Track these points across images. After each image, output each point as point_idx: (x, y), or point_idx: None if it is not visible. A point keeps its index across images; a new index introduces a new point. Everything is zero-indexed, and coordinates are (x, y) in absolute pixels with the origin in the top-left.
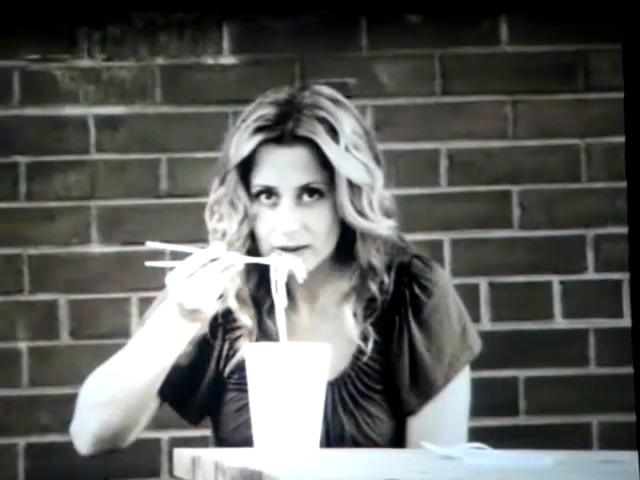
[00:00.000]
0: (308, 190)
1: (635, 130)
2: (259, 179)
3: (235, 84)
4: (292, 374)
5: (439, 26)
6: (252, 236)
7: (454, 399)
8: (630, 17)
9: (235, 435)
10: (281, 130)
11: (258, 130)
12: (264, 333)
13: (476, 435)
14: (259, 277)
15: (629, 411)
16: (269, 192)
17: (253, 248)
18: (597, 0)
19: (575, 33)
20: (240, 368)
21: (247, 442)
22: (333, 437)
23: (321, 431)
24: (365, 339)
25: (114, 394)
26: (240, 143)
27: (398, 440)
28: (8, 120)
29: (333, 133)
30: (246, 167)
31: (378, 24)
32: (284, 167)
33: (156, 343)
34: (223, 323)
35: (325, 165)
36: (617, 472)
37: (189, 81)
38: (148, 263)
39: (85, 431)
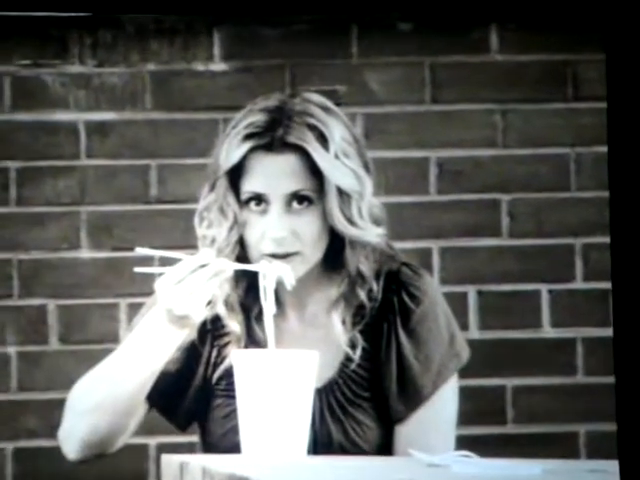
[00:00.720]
0: (297, 197)
1: (618, 140)
2: (249, 186)
3: (225, 91)
4: (280, 381)
5: (430, 34)
6: (241, 243)
7: (442, 407)
8: (613, 28)
9: (223, 441)
10: (271, 137)
11: (248, 137)
12: (252, 339)
13: (463, 443)
14: (248, 284)
15: None
16: (258, 199)
17: (242, 255)
18: (586, 10)
19: (565, 43)
20: (228, 374)
21: (235, 448)
22: (321, 444)
23: (309, 438)
24: (353, 346)
25: (102, 399)
26: (230, 150)
27: (386, 448)
28: None
29: (323, 140)
30: (236, 174)
31: (369, 32)
32: (274, 174)
33: (145, 349)
34: (211, 329)
35: (315, 172)
36: None
37: (179, 87)
38: (137, 269)
39: (73, 436)
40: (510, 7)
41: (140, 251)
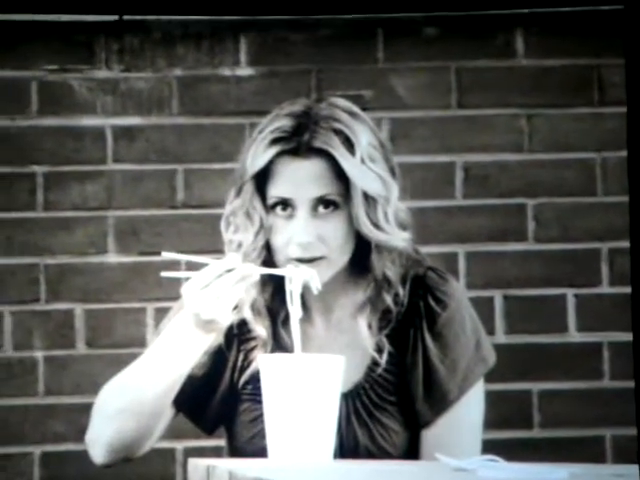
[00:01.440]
0: (324, 202)
1: (637, 145)
2: (275, 191)
3: (252, 96)
4: (306, 385)
5: (455, 39)
6: (268, 247)
7: (468, 411)
8: (633, 33)
9: (249, 445)
10: (297, 142)
11: (274, 142)
12: (279, 344)
13: (490, 448)
14: (274, 288)
15: None
16: (285, 204)
17: (268, 259)
18: (611, 15)
19: (590, 47)
20: (255, 379)
21: (261, 452)
22: (347, 448)
23: (335, 442)
24: (379, 351)
25: (129, 403)
26: (256, 154)
27: (412, 452)
28: (26, 130)
29: (349, 145)
30: (262, 178)
31: (395, 36)
32: (300, 179)
33: (171, 353)
34: (238, 334)
35: (341, 177)
36: None
37: (206, 92)
38: (164, 273)
39: (100, 440)
40: (535, 12)
41: (167, 256)
